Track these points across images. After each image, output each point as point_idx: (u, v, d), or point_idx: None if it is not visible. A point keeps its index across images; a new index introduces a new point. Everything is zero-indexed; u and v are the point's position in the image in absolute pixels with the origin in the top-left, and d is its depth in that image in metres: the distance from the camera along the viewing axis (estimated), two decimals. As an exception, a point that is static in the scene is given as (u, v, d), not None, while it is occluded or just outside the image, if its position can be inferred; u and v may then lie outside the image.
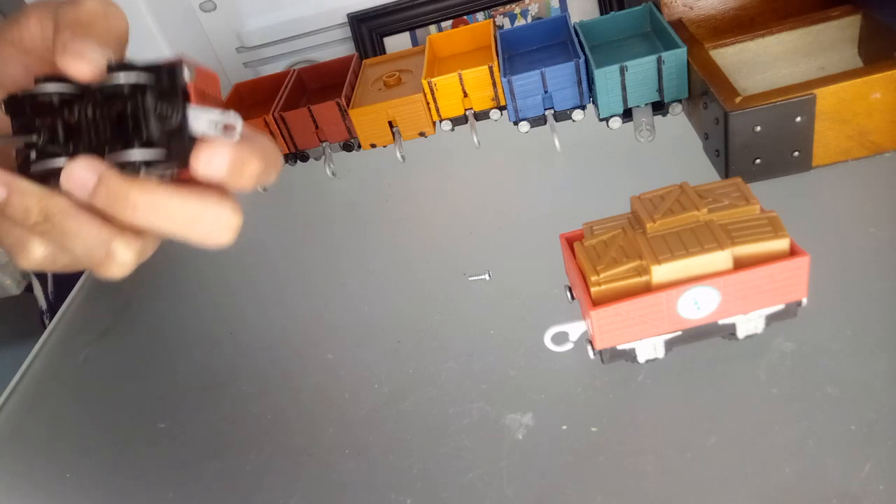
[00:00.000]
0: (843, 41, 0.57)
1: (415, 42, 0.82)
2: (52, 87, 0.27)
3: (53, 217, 0.27)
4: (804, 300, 0.36)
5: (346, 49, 0.83)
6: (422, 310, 0.49)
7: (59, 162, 0.27)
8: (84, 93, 0.27)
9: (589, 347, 0.38)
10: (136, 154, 0.26)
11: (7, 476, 0.48)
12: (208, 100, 0.28)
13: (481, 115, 0.62)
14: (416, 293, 0.51)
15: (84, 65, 0.26)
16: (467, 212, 0.59)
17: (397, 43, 0.82)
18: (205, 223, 0.28)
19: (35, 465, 0.48)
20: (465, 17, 0.80)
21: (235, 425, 0.45)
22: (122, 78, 0.26)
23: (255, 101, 0.72)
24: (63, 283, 0.81)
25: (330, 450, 0.41)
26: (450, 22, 0.80)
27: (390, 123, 0.62)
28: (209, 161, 0.26)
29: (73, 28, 0.27)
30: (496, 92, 0.60)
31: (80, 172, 0.26)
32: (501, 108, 0.61)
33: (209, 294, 0.60)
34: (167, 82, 0.26)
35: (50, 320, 0.67)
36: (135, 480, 0.44)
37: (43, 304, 0.84)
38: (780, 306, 0.36)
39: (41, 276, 0.84)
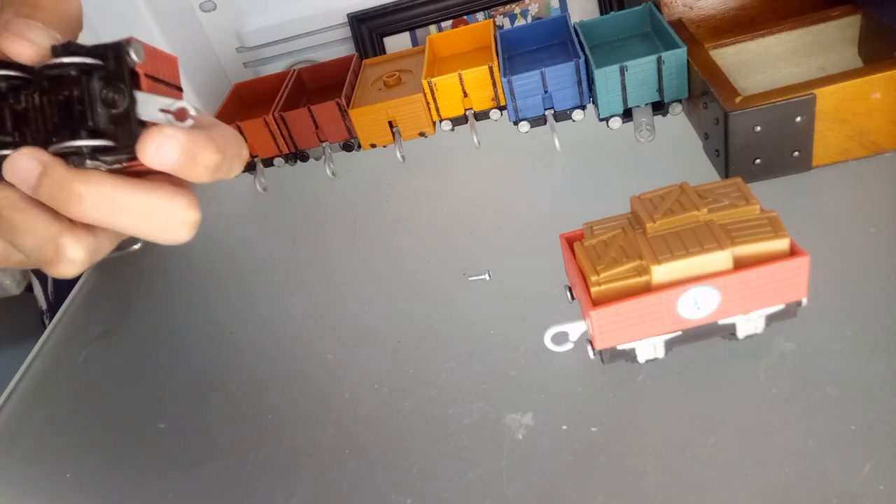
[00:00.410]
0: (843, 41, 0.57)
1: (415, 42, 0.82)
2: None
3: (1, 211, 0.25)
4: (804, 300, 0.36)
5: (346, 49, 0.83)
6: (422, 310, 0.49)
7: (6, 152, 0.25)
8: (33, 79, 0.25)
9: (589, 347, 0.38)
10: (82, 143, 0.24)
11: (7, 476, 0.48)
12: (163, 85, 0.26)
13: (481, 115, 0.62)
14: (416, 293, 0.51)
15: (25, 46, 0.24)
16: (467, 212, 0.59)
17: (397, 43, 0.82)
18: (158, 218, 0.26)
19: (35, 464, 0.48)
20: (465, 17, 0.80)
21: (235, 425, 0.45)
22: (67, 60, 0.24)
23: (255, 101, 0.72)
24: (63, 283, 0.81)
25: (330, 450, 0.41)
26: (450, 22, 0.80)
27: (390, 123, 0.62)
28: (158, 147, 0.24)
29: (18, 7, 0.25)
30: (496, 92, 0.60)
31: (23, 163, 0.24)
32: (501, 108, 0.61)
33: (209, 294, 0.60)
34: (113, 64, 0.24)
35: (50, 320, 0.67)
36: (135, 480, 0.44)
37: (43, 304, 0.84)
38: (780, 306, 0.36)
39: (41, 276, 0.84)
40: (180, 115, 0.25)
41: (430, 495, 0.37)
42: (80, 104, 0.25)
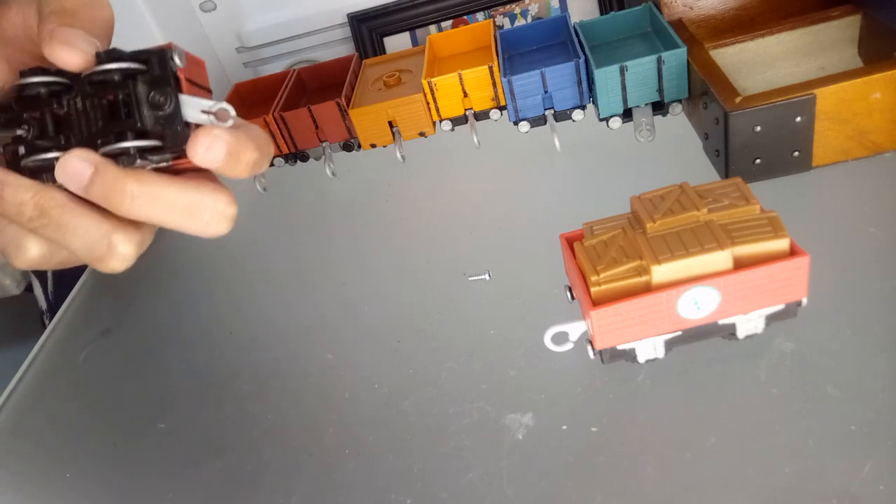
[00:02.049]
0: (843, 41, 0.57)
1: (415, 42, 0.82)
2: (38, 80, 0.26)
3: (49, 212, 0.26)
4: (804, 300, 0.36)
5: (346, 49, 0.83)
6: (422, 310, 0.49)
7: (52, 155, 0.26)
8: (72, 84, 0.26)
9: (589, 347, 0.38)
10: (132, 143, 0.25)
11: (7, 476, 0.48)
12: (198, 87, 0.27)
13: (481, 115, 0.62)
14: (416, 293, 0.51)
15: (73, 54, 0.25)
16: (467, 212, 0.59)
17: (397, 43, 0.82)
18: (203, 213, 0.27)
19: (35, 464, 0.48)
20: (465, 17, 0.80)
21: (235, 425, 0.45)
22: (113, 66, 0.25)
23: (255, 101, 0.72)
24: (63, 283, 0.81)
25: (330, 450, 0.41)
26: (450, 22, 0.80)
27: (390, 123, 0.62)
28: (208, 147, 0.26)
29: (59, 16, 0.26)
30: (496, 92, 0.60)
31: (75, 164, 0.25)
32: (501, 108, 0.61)
33: (209, 294, 0.60)
34: (158, 69, 0.26)
35: (50, 320, 0.67)
36: (135, 480, 0.44)
37: (43, 304, 0.84)
38: (780, 306, 0.36)
39: (41, 276, 0.84)
40: (222, 115, 0.26)
41: (430, 495, 0.37)
42: (126, 107, 0.26)
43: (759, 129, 0.47)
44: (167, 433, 0.47)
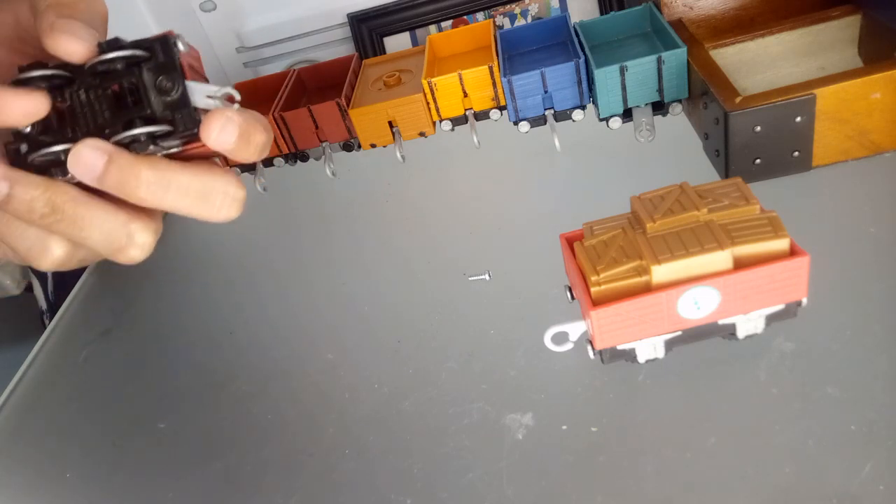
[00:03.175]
0: (843, 41, 0.57)
1: (415, 42, 0.82)
2: (38, 73, 0.26)
3: (63, 207, 0.26)
4: (804, 300, 0.36)
5: (346, 49, 0.83)
6: (422, 310, 0.49)
7: (59, 148, 0.26)
8: (73, 76, 0.26)
9: (589, 347, 0.38)
10: (143, 130, 0.25)
11: (7, 476, 0.48)
12: (198, 74, 0.27)
13: (481, 115, 0.62)
14: (416, 293, 0.51)
15: (77, 43, 0.25)
16: (467, 212, 0.59)
17: (397, 43, 0.82)
18: (215, 197, 0.27)
19: (35, 465, 0.48)
20: (465, 17, 0.80)
21: (235, 425, 0.45)
22: (117, 54, 0.25)
23: (255, 101, 0.72)
24: (63, 283, 0.81)
25: (330, 450, 0.41)
26: (450, 22, 0.80)
27: (390, 123, 0.62)
28: (222, 129, 0.26)
29: (57, 9, 0.26)
30: (496, 92, 0.60)
31: (88, 154, 0.25)
32: (501, 108, 0.61)
33: (209, 294, 0.60)
34: (163, 55, 0.25)
35: (50, 320, 0.67)
36: (135, 480, 0.44)
37: (43, 304, 0.84)
38: (780, 306, 0.36)
39: (41, 276, 0.84)
40: (229, 100, 0.26)
41: (430, 495, 0.37)
42: (133, 95, 0.26)
43: (759, 129, 0.47)
44: (167, 433, 0.47)
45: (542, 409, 0.39)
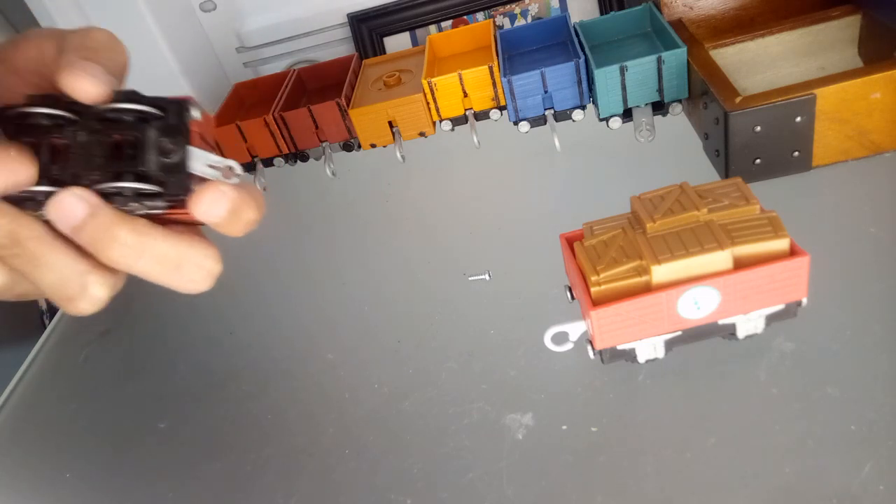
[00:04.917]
0: (843, 41, 0.57)
1: (415, 42, 0.82)
2: (43, 108, 0.25)
3: (24, 242, 0.24)
4: (804, 300, 0.36)
5: (346, 49, 0.83)
6: (422, 310, 0.49)
7: (40, 189, 0.25)
8: (78, 118, 0.26)
9: (589, 347, 0.38)
10: (130, 185, 0.25)
11: (7, 476, 0.48)
12: (206, 143, 0.27)
13: (481, 115, 0.62)
14: (416, 293, 0.51)
15: (93, 84, 0.25)
16: (467, 212, 0.59)
17: (397, 43, 0.82)
18: (188, 269, 0.26)
19: (35, 465, 0.48)
20: (465, 17, 0.80)
21: (235, 425, 0.45)
22: (131, 106, 0.25)
23: (255, 101, 0.72)
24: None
25: (330, 450, 0.41)
26: (450, 22, 0.80)
27: (390, 123, 0.62)
28: (212, 202, 0.25)
29: (80, 51, 0.26)
30: (496, 92, 0.60)
31: (72, 203, 0.24)
32: (501, 108, 0.61)
33: (209, 294, 0.60)
34: (174, 117, 0.26)
35: (50, 320, 0.67)
36: (135, 480, 0.44)
37: (43, 304, 0.84)
38: (780, 306, 0.36)
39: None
40: (227, 173, 0.26)
41: (430, 495, 0.37)
42: (132, 149, 0.25)
43: (759, 129, 0.47)
44: (167, 433, 0.47)
45: (542, 409, 0.39)
